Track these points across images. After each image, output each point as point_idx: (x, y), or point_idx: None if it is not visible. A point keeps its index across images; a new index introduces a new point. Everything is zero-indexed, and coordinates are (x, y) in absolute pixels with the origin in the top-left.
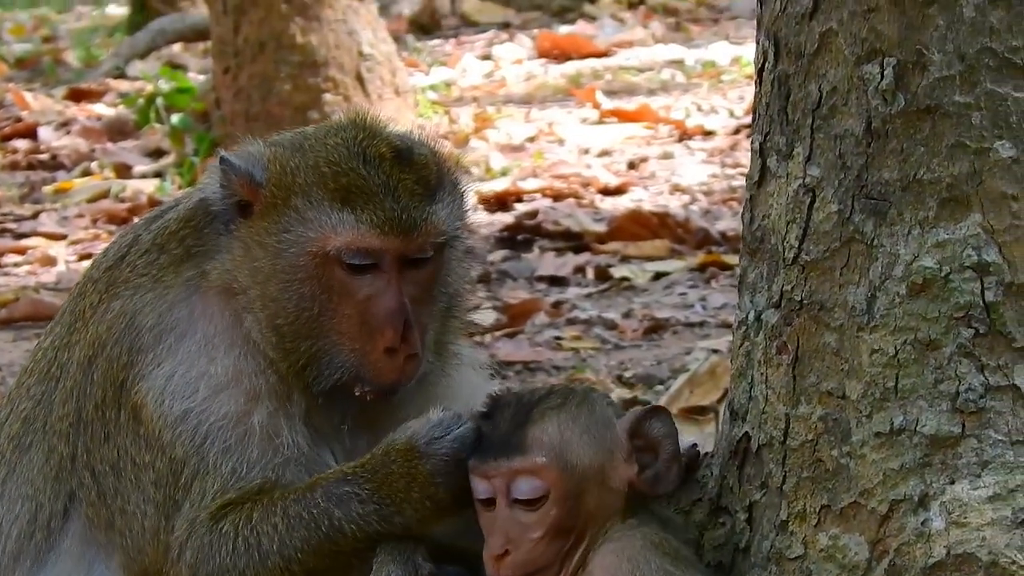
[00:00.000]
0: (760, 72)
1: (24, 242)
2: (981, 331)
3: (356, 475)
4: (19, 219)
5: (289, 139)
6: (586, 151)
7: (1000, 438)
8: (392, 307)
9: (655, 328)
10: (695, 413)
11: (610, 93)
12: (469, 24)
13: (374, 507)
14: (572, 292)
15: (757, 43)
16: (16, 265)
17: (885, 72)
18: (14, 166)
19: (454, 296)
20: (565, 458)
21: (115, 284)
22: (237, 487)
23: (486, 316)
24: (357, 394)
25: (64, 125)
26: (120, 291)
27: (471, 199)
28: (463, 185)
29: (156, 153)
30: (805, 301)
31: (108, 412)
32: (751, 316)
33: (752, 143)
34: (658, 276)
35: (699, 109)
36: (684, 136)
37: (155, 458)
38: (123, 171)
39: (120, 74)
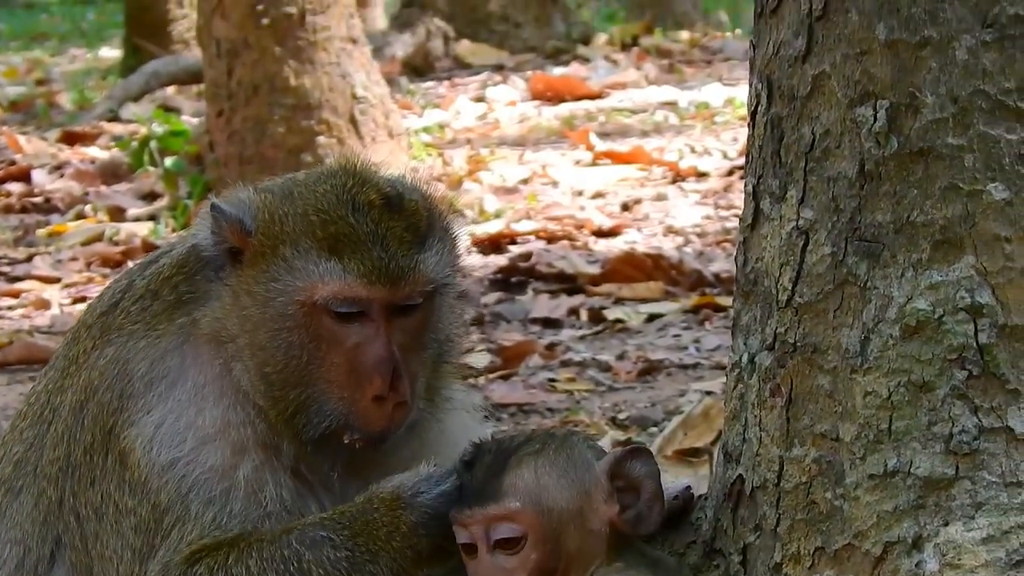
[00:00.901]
0: (753, 115)
1: (18, 285)
2: (975, 373)
3: (334, 521)
4: (13, 262)
5: (279, 185)
6: (580, 193)
7: (994, 480)
8: (380, 355)
9: (649, 370)
10: (689, 455)
11: (604, 135)
12: (462, 66)
13: (347, 553)
14: (566, 334)
15: (750, 86)
16: (10, 308)
17: (878, 114)
18: (8, 209)
19: (445, 341)
20: (541, 502)
21: (109, 330)
22: (214, 535)
23: (480, 358)
24: (346, 442)
25: (58, 168)
26: (113, 337)
27: (463, 244)
28: (455, 230)
29: (150, 196)
30: (799, 343)
31: (96, 457)
32: (745, 358)
33: (745, 185)
34: (652, 318)
35: (692, 151)
36: (678, 178)
37: (138, 504)
38: (117, 214)
39: (114, 117)
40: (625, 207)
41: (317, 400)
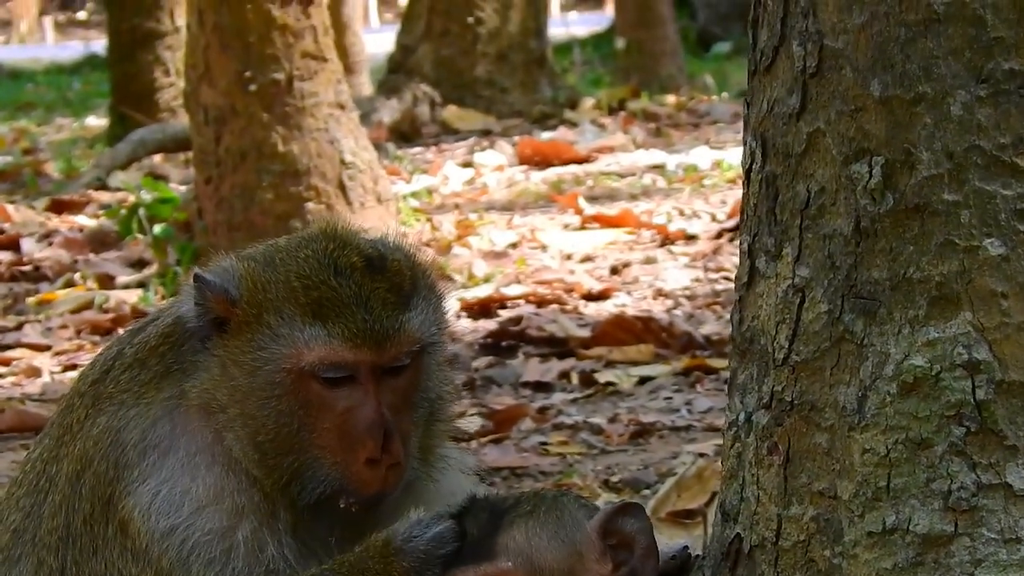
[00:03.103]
0: (748, 173)
1: (8, 353)
2: (972, 429)
3: (331, 571)
4: (3, 330)
5: (262, 253)
6: (569, 257)
7: (993, 536)
8: (371, 418)
9: (641, 433)
10: (683, 517)
11: (592, 199)
12: (450, 131)
13: None
14: (557, 397)
15: (744, 144)
16: (1, 376)
17: (873, 171)
18: None
19: (436, 400)
20: (533, 562)
21: (100, 399)
22: None
23: (472, 422)
24: (342, 506)
25: (46, 236)
26: (105, 407)
27: (450, 303)
28: (440, 289)
29: (139, 263)
30: (796, 401)
31: (96, 527)
32: (741, 417)
33: (741, 244)
34: (643, 381)
35: (681, 214)
36: (666, 241)
37: (141, 571)
38: (106, 282)
39: (101, 185)
40: (614, 270)
41: (311, 466)
